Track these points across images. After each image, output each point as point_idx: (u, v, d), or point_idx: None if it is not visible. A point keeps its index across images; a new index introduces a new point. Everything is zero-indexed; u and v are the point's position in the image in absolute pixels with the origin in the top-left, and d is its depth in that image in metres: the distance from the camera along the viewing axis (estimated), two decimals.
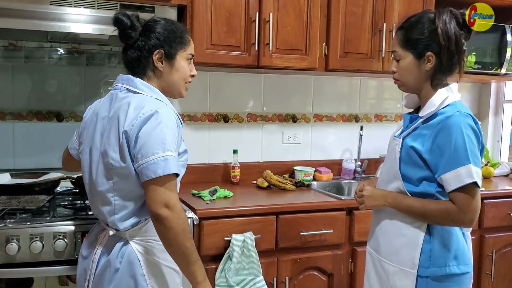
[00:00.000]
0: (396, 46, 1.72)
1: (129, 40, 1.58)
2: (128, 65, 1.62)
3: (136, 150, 1.46)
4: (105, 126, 1.56)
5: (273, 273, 2.35)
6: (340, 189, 3.08)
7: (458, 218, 1.58)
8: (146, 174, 1.44)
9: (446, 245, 1.65)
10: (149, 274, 1.55)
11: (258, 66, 2.57)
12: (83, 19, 2.18)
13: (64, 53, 2.63)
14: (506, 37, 3.18)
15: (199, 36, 2.41)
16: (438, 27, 1.62)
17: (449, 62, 1.65)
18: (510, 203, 2.95)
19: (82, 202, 2.21)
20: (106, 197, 1.55)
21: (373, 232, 1.84)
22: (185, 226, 1.45)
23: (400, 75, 1.73)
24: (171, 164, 1.45)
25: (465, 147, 1.55)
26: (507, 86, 3.66)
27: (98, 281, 1.59)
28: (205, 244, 2.20)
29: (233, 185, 2.84)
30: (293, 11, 2.60)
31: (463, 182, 1.54)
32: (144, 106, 1.49)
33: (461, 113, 1.59)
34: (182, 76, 1.65)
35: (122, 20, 1.57)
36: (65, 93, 2.67)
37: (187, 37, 1.66)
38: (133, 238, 1.56)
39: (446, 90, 1.67)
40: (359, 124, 3.28)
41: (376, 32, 2.80)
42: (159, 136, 1.45)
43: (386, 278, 1.75)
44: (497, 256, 2.91)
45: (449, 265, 1.64)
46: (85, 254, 1.67)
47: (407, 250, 1.67)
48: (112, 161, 1.51)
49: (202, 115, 2.90)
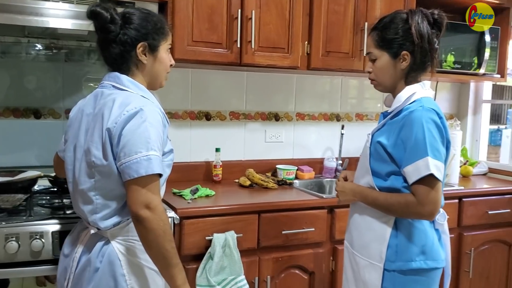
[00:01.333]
0: (371, 47, 1.76)
1: (109, 34, 1.53)
2: (111, 61, 1.57)
3: (119, 149, 1.43)
4: (90, 123, 1.53)
5: (254, 272, 2.34)
6: (322, 187, 3.08)
7: (417, 210, 1.61)
8: (128, 174, 1.41)
9: (413, 240, 1.68)
10: (129, 274, 1.52)
11: (241, 64, 2.56)
12: (61, 13, 2.13)
13: (42, 49, 2.58)
14: (485, 38, 3.23)
15: (180, 32, 2.39)
16: (412, 27, 1.66)
17: (423, 60, 1.70)
18: (488, 201, 2.99)
19: (60, 201, 2.17)
20: (87, 195, 1.52)
21: (348, 226, 1.90)
22: (166, 228, 1.42)
23: (376, 75, 1.77)
24: (154, 164, 1.42)
25: (424, 141, 1.58)
26: (485, 86, 3.71)
27: (77, 280, 1.56)
28: (186, 244, 2.18)
29: (215, 183, 2.82)
30: (275, 9, 2.59)
31: (421, 174, 1.57)
32: (129, 103, 1.47)
33: (423, 108, 1.62)
34: (165, 67, 1.64)
35: (101, 13, 1.50)
36: (43, 90, 2.61)
37: (167, 27, 1.63)
38: (115, 237, 1.54)
39: (419, 86, 1.72)
40: (340, 123, 3.29)
41: (358, 31, 2.81)
42: (143, 135, 1.42)
43: (357, 271, 1.80)
44: (475, 254, 2.95)
45: (416, 260, 1.67)
46: (66, 252, 1.64)
47: (376, 244, 1.72)
48: (94, 159, 1.48)
49: (183, 113, 2.87)
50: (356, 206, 1.84)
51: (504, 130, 5.57)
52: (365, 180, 1.78)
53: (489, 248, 3.05)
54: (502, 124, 8.27)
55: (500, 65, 3.35)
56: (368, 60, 1.80)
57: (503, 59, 3.37)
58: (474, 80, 3.54)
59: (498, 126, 7.49)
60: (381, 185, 1.72)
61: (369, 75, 1.80)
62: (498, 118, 8.74)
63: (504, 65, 3.38)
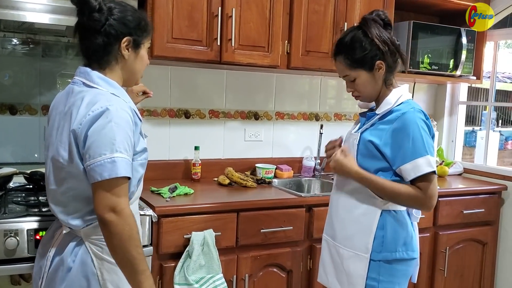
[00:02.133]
0: (345, 70, 1.83)
1: (94, 23, 1.47)
2: (91, 53, 1.52)
3: (85, 150, 1.39)
4: (60, 122, 1.50)
5: (232, 270, 2.34)
6: (300, 186, 3.10)
7: (424, 202, 1.72)
8: (93, 176, 1.37)
9: (397, 233, 1.79)
10: (102, 274, 1.50)
11: (221, 62, 2.55)
12: (39, 8, 2.09)
13: (19, 44, 2.53)
14: (462, 40, 3.29)
15: (160, 29, 2.37)
16: (374, 38, 1.76)
17: (394, 60, 1.82)
18: (463, 201, 3.05)
19: (36, 198, 2.13)
20: (58, 195, 1.50)
21: (330, 220, 1.95)
22: (132, 233, 1.38)
23: (360, 91, 1.85)
24: (118, 166, 1.37)
25: (422, 140, 1.70)
26: (461, 87, 3.78)
27: (50, 279, 1.53)
28: (164, 242, 2.17)
29: (194, 182, 2.81)
30: (255, 8, 2.59)
31: (423, 171, 1.69)
32: (95, 102, 1.42)
33: (415, 109, 1.75)
34: (144, 65, 1.62)
35: (90, 1, 1.45)
36: (19, 85, 2.56)
37: (150, 27, 1.61)
38: (88, 237, 1.51)
39: (404, 89, 1.83)
40: (319, 122, 3.31)
41: (338, 31, 2.83)
42: (107, 136, 1.38)
43: (340, 262, 1.87)
44: (450, 253, 3.00)
45: (399, 251, 1.79)
46: (42, 251, 1.61)
47: (361, 235, 1.80)
48: (62, 160, 1.45)
49: (162, 111, 2.85)
50: (339, 200, 1.89)
51: (479, 132, 5.69)
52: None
53: (464, 247, 3.10)
54: (477, 126, 8.42)
55: (476, 67, 3.42)
56: (347, 81, 1.86)
57: (479, 61, 3.43)
58: (450, 82, 3.59)
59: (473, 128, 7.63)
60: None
61: (353, 92, 1.87)
62: (473, 120, 8.91)
63: (480, 67, 3.44)
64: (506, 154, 7.39)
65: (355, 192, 1.83)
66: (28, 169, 2.31)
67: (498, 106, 8.92)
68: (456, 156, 3.82)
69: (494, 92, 3.65)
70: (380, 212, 1.78)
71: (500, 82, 8.98)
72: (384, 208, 1.78)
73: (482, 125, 7.96)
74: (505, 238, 3.32)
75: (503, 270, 3.35)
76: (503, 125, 9.77)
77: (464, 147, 4.26)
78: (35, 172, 2.27)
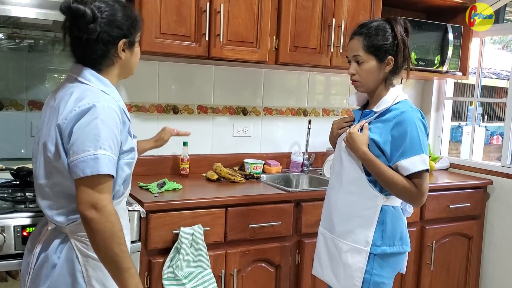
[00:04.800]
0: (360, 50, 1.85)
1: (90, 35, 1.43)
2: (87, 60, 1.49)
3: (69, 146, 1.38)
4: (50, 117, 1.48)
5: (221, 265, 2.35)
6: (289, 181, 3.11)
7: (416, 196, 1.80)
8: (75, 172, 1.36)
9: (395, 227, 1.88)
10: (88, 272, 1.49)
11: (209, 57, 2.55)
12: (25, 2, 2.07)
13: (4, 38, 2.50)
14: (448, 36, 3.31)
15: (148, 24, 2.35)
16: (398, 35, 1.82)
17: (402, 65, 1.87)
18: (449, 195, 3.09)
19: (23, 194, 2.11)
20: (44, 190, 1.49)
21: (328, 214, 1.99)
22: (114, 231, 1.36)
23: (361, 77, 1.88)
24: (101, 163, 1.35)
25: (419, 139, 1.78)
26: (448, 83, 3.81)
27: (36, 276, 1.53)
28: (152, 238, 2.17)
29: (182, 177, 2.80)
30: (244, 3, 2.59)
31: (418, 168, 1.77)
32: (83, 98, 1.41)
33: (413, 109, 1.84)
34: (138, 58, 1.61)
35: (85, 11, 1.39)
36: (5, 81, 2.53)
37: (140, 18, 1.58)
38: (74, 234, 1.50)
39: (400, 89, 1.90)
40: (307, 118, 3.32)
41: (326, 27, 2.84)
42: (92, 132, 1.36)
43: (337, 255, 1.92)
44: (436, 247, 3.03)
45: (396, 245, 1.88)
46: (29, 247, 1.60)
47: (362, 229, 1.86)
48: (49, 154, 1.44)
49: (150, 106, 2.84)
50: (339, 195, 1.94)
51: (465, 127, 5.74)
52: (352, 173, 1.89)
53: (450, 241, 3.14)
54: (463, 121, 8.50)
55: (462, 63, 3.45)
56: (352, 61, 1.89)
57: (465, 57, 3.46)
58: (437, 78, 3.62)
59: (459, 123, 7.71)
60: (369, 177, 1.86)
61: (353, 76, 1.89)
62: (459, 115, 8.98)
63: (466, 63, 3.47)
64: (492, 149, 7.47)
65: (354, 187, 1.89)
66: (15, 165, 2.29)
67: (484, 102, 9.01)
68: (443, 151, 3.85)
69: (480, 88, 3.68)
70: (380, 207, 1.85)
71: (486, 78, 9.06)
72: (384, 204, 1.85)
73: (468, 120, 8.03)
74: (490, 232, 3.37)
75: (488, 263, 3.40)
76: (489, 121, 9.87)
77: (451, 142, 4.30)
78: (21, 168, 2.25)
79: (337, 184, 1.96)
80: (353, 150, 1.85)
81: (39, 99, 2.54)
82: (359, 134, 1.85)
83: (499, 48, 9.82)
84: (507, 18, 8.48)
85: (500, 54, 9.68)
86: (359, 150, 1.83)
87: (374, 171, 1.81)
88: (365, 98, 2.01)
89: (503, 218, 3.30)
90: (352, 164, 1.89)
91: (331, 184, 2.01)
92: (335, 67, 2.93)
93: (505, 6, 6.42)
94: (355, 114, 1.99)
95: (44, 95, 1.82)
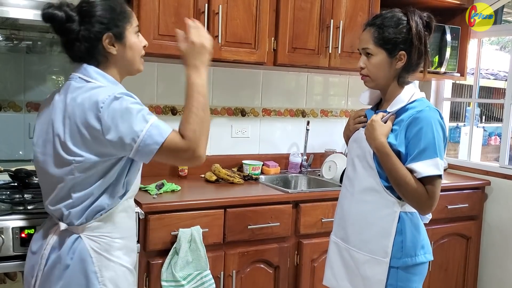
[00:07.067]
0: (369, 42, 1.74)
1: (70, 35, 1.47)
2: (79, 59, 1.51)
3: (117, 140, 1.39)
4: (65, 119, 1.44)
5: (220, 266, 2.34)
6: (287, 182, 3.11)
7: (425, 203, 1.67)
8: (150, 151, 1.42)
9: (415, 236, 1.74)
10: (101, 271, 1.49)
11: None
12: (22, 3, 2.07)
13: (2, 40, 2.50)
14: (446, 37, 3.32)
15: (146, 25, 2.36)
16: (413, 28, 1.69)
17: (417, 62, 1.74)
18: (447, 196, 3.09)
19: (21, 196, 2.11)
20: (64, 191, 1.47)
21: (342, 222, 1.87)
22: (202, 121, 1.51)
23: (370, 71, 1.76)
24: (162, 128, 1.42)
25: (434, 141, 1.65)
26: (446, 84, 3.82)
27: (46, 278, 1.51)
28: (151, 239, 2.17)
29: (181, 179, 2.80)
30: (242, 4, 2.59)
31: (430, 173, 1.64)
32: (100, 94, 1.41)
33: (430, 108, 1.69)
34: (137, 51, 1.58)
35: (55, 14, 1.43)
36: (3, 82, 2.53)
37: (128, 9, 1.56)
38: (87, 234, 1.49)
39: (415, 86, 1.76)
40: (305, 119, 3.32)
41: (324, 28, 2.85)
42: (130, 114, 1.40)
43: (355, 267, 1.79)
44: (435, 247, 3.02)
45: (418, 255, 1.73)
46: (34, 249, 1.58)
47: (379, 239, 1.73)
48: (66, 154, 1.42)
49: (149, 107, 2.82)
50: (352, 202, 1.82)
51: (463, 128, 5.74)
52: (366, 183, 1.77)
53: (448, 241, 3.15)
54: (461, 122, 8.51)
55: (460, 64, 3.45)
56: (362, 54, 1.78)
57: (463, 58, 3.47)
58: (435, 79, 3.63)
59: (457, 124, 7.71)
60: (385, 185, 1.73)
61: (362, 70, 1.78)
62: (457, 116, 9.00)
63: (464, 64, 3.48)
64: (490, 150, 7.48)
65: (369, 197, 1.76)
66: (13, 166, 2.29)
67: (482, 103, 9.04)
68: None
69: (477, 89, 3.69)
70: (398, 215, 1.72)
71: (484, 78, 9.07)
72: (401, 210, 1.72)
73: (466, 121, 8.04)
74: (488, 233, 3.38)
75: (486, 263, 3.41)
76: (487, 121, 9.88)
77: (449, 143, 4.31)
78: (20, 169, 2.25)
79: (350, 192, 1.84)
80: (370, 139, 1.71)
81: (37, 100, 2.54)
82: (382, 123, 1.71)
83: (497, 49, 9.83)
84: (505, 19, 8.50)
85: (498, 55, 9.69)
86: (377, 139, 1.68)
87: (388, 166, 1.68)
88: (377, 96, 1.88)
89: (501, 219, 3.31)
90: (366, 171, 1.77)
91: (344, 190, 1.90)
92: (333, 68, 2.94)
93: (503, 7, 6.44)
94: (368, 114, 1.84)
95: (43, 97, 1.81)
